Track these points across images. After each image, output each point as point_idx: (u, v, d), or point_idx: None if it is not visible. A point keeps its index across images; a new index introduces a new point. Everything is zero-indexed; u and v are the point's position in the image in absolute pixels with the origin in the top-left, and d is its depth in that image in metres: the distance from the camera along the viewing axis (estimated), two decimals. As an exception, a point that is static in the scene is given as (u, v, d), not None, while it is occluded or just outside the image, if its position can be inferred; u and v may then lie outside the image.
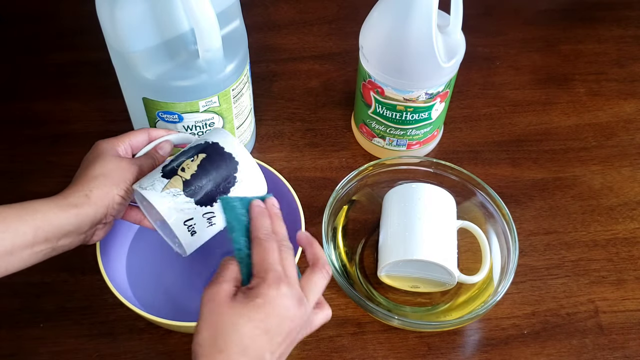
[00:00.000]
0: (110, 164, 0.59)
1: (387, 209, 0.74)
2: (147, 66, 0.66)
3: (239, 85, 0.72)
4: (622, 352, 0.69)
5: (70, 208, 0.55)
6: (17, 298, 0.72)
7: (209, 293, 0.49)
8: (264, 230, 0.53)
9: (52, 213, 0.55)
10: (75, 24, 0.98)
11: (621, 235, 0.78)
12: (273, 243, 0.52)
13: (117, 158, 0.60)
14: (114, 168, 0.59)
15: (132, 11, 0.62)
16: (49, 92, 0.90)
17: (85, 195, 0.56)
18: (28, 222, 0.54)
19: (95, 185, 0.57)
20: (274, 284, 0.49)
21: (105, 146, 0.61)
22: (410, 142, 0.81)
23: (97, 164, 0.59)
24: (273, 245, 0.52)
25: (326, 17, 1.01)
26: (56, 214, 0.55)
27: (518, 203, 0.81)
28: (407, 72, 0.71)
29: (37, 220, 0.54)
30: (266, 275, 0.49)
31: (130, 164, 0.60)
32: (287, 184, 0.70)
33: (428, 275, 0.70)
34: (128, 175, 0.59)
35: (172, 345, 0.69)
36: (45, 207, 0.55)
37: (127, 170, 0.59)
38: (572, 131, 0.88)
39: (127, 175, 0.59)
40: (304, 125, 0.88)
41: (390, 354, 0.69)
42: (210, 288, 0.50)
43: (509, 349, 0.70)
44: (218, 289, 0.49)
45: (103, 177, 0.58)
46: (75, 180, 0.59)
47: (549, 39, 0.99)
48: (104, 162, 0.59)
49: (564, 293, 0.73)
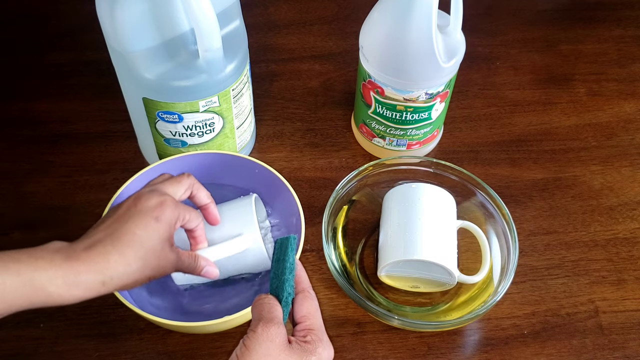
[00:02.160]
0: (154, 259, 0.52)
1: (387, 209, 0.74)
2: (147, 66, 0.66)
3: (239, 85, 0.72)
4: (622, 352, 0.69)
5: (75, 288, 0.48)
6: (17, 298, 0.72)
7: (271, 333, 0.48)
8: (310, 285, 0.54)
9: (53, 287, 0.47)
10: (75, 24, 0.98)
11: (621, 235, 0.78)
12: (317, 302, 0.53)
13: (166, 249, 0.53)
14: (153, 266, 0.52)
15: (132, 11, 0.62)
16: (49, 92, 0.90)
17: (101, 283, 0.49)
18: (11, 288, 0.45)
19: (122, 272, 0.50)
20: (328, 347, 0.50)
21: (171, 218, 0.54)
22: (410, 142, 0.81)
23: (144, 246, 0.51)
24: (317, 304, 0.53)
25: (326, 17, 1.01)
26: (56, 290, 0.47)
27: (518, 203, 0.81)
28: (407, 72, 0.71)
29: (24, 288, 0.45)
30: (322, 337, 0.50)
31: (174, 264, 0.55)
32: (287, 184, 0.70)
33: (428, 275, 0.70)
34: (163, 270, 0.54)
35: (172, 345, 0.69)
36: (44, 277, 0.47)
37: (162, 273, 0.54)
38: (572, 131, 0.88)
39: (162, 270, 0.53)
40: (304, 125, 0.88)
41: (390, 354, 0.69)
42: (270, 328, 0.48)
43: (509, 349, 0.70)
44: (278, 332, 0.48)
45: (138, 264, 0.51)
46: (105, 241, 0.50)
47: (549, 39, 0.99)
48: (152, 248, 0.52)
49: (564, 293, 0.74)
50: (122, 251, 0.50)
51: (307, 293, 0.53)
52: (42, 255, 0.48)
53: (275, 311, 0.50)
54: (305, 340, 0.50)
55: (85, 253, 0.49)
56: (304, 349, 0.49)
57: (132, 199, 0.54)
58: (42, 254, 0.48)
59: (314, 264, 0.75)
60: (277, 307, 0.50)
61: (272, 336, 0.48)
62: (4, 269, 0.46)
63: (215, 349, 0.68)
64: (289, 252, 0.54)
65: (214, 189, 0.76)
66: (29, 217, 0.78)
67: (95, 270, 0.49)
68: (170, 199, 0.55)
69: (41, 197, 0.79)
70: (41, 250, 0.48)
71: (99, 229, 0.52)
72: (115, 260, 0.50)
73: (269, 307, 0.50)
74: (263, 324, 0.48)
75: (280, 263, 0.54)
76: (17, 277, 0.46)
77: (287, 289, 0.52)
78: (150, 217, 0.53)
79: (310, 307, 0.52)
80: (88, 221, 0.76)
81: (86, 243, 0.50)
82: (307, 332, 0.50)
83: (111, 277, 0.50)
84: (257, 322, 0.49)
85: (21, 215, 0.78)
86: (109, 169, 0.82)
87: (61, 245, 0.50)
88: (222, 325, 0.63)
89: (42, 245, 0.49)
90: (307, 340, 0.50)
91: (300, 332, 0.51)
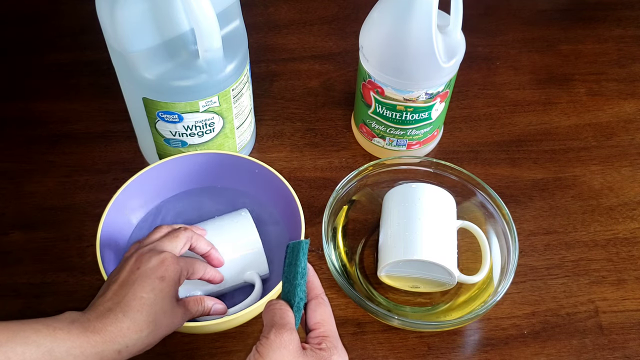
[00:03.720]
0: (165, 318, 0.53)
1: (387, 209, 0.74)
2: (147, 66, 0.66)
3: (239, 85, 0.72)
4: (622, 352, 0.69)
5: (92, 359, 0.49)
6: (17, 298, 0.72)
7: (284, 340, 0.47)
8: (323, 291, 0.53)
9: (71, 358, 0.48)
10: (75, 24, 0.98)
11: (621, 235, 0.78)
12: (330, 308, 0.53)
13: (174, 305, 0.54)
14: (166, 325, 0.53)
15: (132, 11, 0.62)
16: (49, 92, 0.90)
17: (117, 352, 0.50)
18: None
19: (137, 339, 0.51)
20: (343, 354, 0.50)
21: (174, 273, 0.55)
22: (410, 142, 0.81)
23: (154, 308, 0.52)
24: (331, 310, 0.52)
25: (326, 17, 1.01)
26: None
27: (518, 203, 0.81)
28: (407, 72, 0.71)
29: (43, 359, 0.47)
30: (337, 344, 0.50)
31: (183, 318, 0.56)
32: (287, 184, 0.70)
33: (428, 275, 0.70)
34: (174, 326, 0.55)
35: (172, 345, 0.69)
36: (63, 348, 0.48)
37: (173, 329, 0.54)
38: (572, 131, 0.88)
39: (173, 327, 0.55)
40: (304, 125, 0.88)
41: (390, 354, 0.69)
42: (282, 334, 0.48)
43: (509, 349, 0.70)
44: (291, 338, 0.48)
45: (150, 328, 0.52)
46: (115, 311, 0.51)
47: (549, 39, 0.99)
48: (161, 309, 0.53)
49: (564, 293, 0.74)
50: (134, 318, 0.51)
51: (320, 299, 0.52)
52: (60, 326, 0.49)
53: (288, 317, 0.49)
54: (320, 348, 0.49)
55: (100, 324, 0.50)
56: (319, 356, 0.48)
57: (133, 261, 0.55)
58: (60, 325, 0.49)
59: (314, 264, 0.75)
60: (289, 313, 0.50)
61: (285, 342, 0.47)
62: (24, 339, 0.47)
63: (215, 349, 0.68)
64: (300, 257, 0.53)
65: (212, 192, 0.77)
66: (29, 217, 0.78)
67: (110, 341, 0.50)
68: (171, 255, 0.56)
69: (41, 197, 0.79)
70: (58, 322, 0.50)
71: (107, 296, 0.53)
72: (128, 327, 0.51)
73: (280, 313, 0.50)
74: (276, 330, 0.48)
75: (292, 267, 0.53)
76: (36, 349, 0.47)
77: (299, 294, 0.51)
78: (155, 277, 0.53)
79: (324, 314, 0.51)
80: (88, 221, 0.76)
81: (98, 312, 0.51)
82: (322, 339, 0.50)
83: (126, 345, 0.51)
84: (270, 328, 0.48)
85: (21, 215, 0.78)
86: (109, 169, 0.82)
87: (76, 316, 0.51)
88: (222, 325, 0.63)
89: (57, 315, 0.51)
90: (322, 347, 0.49)
91: (314, 339, 0.50)
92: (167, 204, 0.76)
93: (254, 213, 0.70)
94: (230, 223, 0.69)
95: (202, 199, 0.76)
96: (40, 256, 0.75)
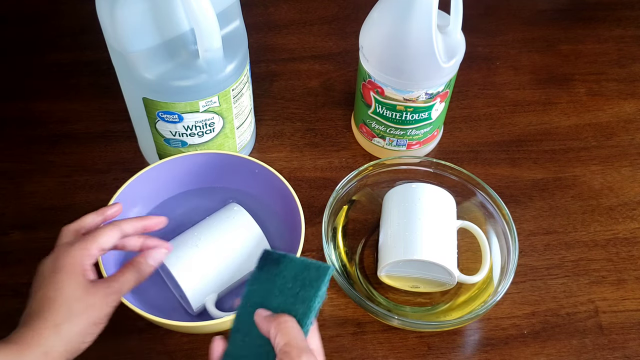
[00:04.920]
0: (79, 303, 0.51)
1: (387, 209, 0.74)
2: (147, 66, 0.66)
3: (239, 85, 0.72)
4: (622, 352, 0.69)
5: None
6: (17, 298, 0.72)
7: None
8: None
9: None
10: (75, 24, 0.98)
11: (621, 235, 0.78)
12: None
13: (87, 288, 0.52)
14: (83, 309, 0.51)
15: (132, 11, 0.62)
16: (49, 92, 0.90)
17: (44, 354, 0.49)
18: None
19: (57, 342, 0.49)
20: None
21: (69, 263, 0.52)
22: (410, 142, 0.81)
23: (60, 300, 0.50)
24: None
25: (326, 17, 1.01)
26: None
27: (518, 203, 0.81)
28: (407, 72, 0.71)
29: None
30: None
31: (106, 295, 0.53)
32: (287, 184, 0.70)
33: (428, 275, 0.70)
34: (102, 314, 0.52)
35: (172, 345, 0.69)
36: None
37: (101, 309, 0.52)
38: (572, 131, 0.88)
39: (101, 315, 0.52)
40: (304, 125, 0.88)
41: (390, 354, 0.69)
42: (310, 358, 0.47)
43: (509, 349, 0.70)
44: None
45: (68, 324, 0.50)
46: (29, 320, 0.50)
47: (549, 39, 0.99)
48: (70, 297, 0.51)
49: (564, 293, 0.74)
50: (44, 316, 0.51)
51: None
52: None
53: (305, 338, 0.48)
54: None
55: (18, 334, 0.50)
56: None
57: (36, 274, 0.55)
58: None
59: (314, 264, 0.75)
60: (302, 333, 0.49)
61: None
62: None
63: (215, 349, 0.68)
64: (324, 282, 0.52)
65: (212, 192, 0.77)
66: (29, 217, 0.78)
67: (32, 345, 0.49)
68: (63, 247, 0.55)
69: (41, 197, 0.79)
70: None
71: (25, 312, 0.53)
72: (45, 327, 0.50)
73: (300, 334, 0.48)
74: (306, 356, 0.46)
75: (310, 290, 0.51)
76: None
77: (311, 317, 0.51)
78: (53, 274, 0.53)
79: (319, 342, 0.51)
80: (88, 221, 0.76)
81: (18, 328, 0.51)
82: None
83: (52, 345, 0.49)
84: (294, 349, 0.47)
85: (21, 215, 0.78)
86: (109, 169, 0.82)
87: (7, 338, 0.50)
88: (222, 325, 0.63)
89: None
90: None
91: None
92: (167, 204, 0.76)
93: (253, 213, 0.70)
94: (227, 220, 0.69)
95: (202, 199, 0.76)
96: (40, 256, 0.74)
